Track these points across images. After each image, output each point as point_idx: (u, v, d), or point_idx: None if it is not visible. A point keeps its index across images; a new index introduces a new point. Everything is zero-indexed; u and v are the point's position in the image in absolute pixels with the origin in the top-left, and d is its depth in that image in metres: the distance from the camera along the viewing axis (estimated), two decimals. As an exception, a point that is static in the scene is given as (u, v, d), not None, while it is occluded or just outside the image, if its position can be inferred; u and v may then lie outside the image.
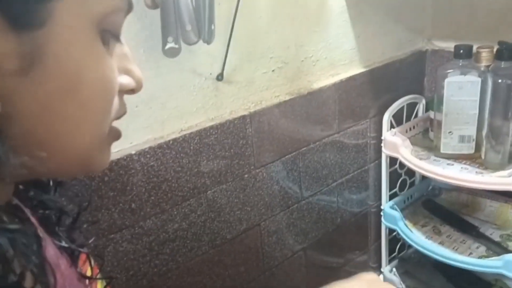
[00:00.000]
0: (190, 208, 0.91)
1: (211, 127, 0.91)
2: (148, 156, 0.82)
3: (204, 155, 0.91)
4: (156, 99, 0.83)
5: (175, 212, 0.89)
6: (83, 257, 0.45)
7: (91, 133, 0.33)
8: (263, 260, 1.09)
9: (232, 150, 0.95)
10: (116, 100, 0.35)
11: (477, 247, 1.21)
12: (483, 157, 1.12)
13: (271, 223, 1.08)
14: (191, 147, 0.88)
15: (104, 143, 0.36)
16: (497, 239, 1.22)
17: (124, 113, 0.37)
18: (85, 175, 0.74)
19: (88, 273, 0.46)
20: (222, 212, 0.97)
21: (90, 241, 0.48)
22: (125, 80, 0.36)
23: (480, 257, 1.16)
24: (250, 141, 0.98)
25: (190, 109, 0.89)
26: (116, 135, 0.37)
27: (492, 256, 1.15)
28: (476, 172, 1.08)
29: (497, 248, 1.18)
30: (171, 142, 0.85)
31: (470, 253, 1.19)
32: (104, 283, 0.48)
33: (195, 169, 0.90)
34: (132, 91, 0.37)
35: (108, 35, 0.33)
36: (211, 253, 0.97)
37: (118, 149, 0.80)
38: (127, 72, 0.36)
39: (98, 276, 0.48)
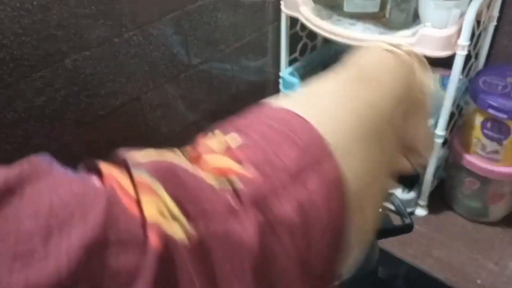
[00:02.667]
0: (43, 80, 0.73)
1: (60, -25, 0.70)
2: (-32, 13, 0.62)
3: (55, 12, 0.71)
4: None
5: (24, 87, 0.71)
6: None
7: None
8: (146, 137, 0.97)
9: (93, 7, 0.76)
10: None
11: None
12: (387, 16, 1.03)
13: (153, 95, 0.94)
14: (34, 2, 0.68)
15: None
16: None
17: None
18: None
19: None
20: (89, 84, 0.81)
21: None
22: None
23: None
24: (118, -5, 0.79)
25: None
26: None
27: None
28: (380, 32, 1.00)
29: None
30: (1, -6, 0.64)
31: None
32: None
33: (43, 31, 0.71)
34: None
35: None
36: (79, 132, 0.83)
37: None
38: None
39: None
